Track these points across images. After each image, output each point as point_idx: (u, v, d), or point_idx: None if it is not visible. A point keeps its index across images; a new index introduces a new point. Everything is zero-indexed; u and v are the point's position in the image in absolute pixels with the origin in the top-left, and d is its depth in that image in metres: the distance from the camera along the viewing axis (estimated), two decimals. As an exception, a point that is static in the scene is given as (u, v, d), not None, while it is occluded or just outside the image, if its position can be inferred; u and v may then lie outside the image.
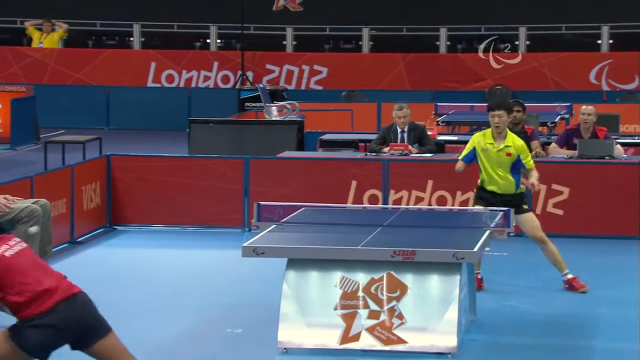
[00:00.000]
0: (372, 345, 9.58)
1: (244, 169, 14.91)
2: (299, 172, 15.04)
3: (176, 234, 14.67)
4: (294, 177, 14.84)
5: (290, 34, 27.72)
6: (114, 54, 27.31)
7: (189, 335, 10.30)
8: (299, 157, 16.10)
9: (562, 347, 10.16)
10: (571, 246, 13.93)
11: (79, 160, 16.15)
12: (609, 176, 14.62)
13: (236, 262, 10.27)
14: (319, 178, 14.83)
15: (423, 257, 9.53)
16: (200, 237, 14.49)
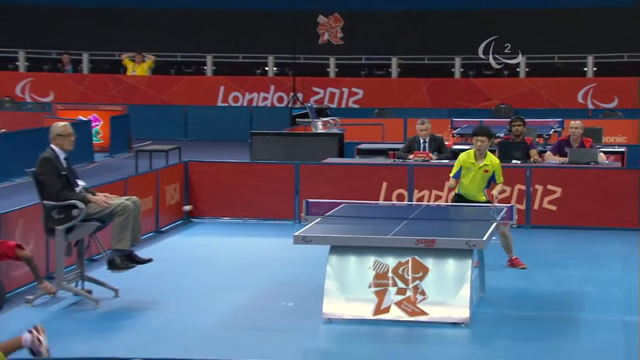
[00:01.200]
0: (400, 317, 9.57)
1: (295, 172, 14.92)
2: (340, 175, 15.02)
3: (240, 225, 14.69)
4: (335, 179, 14.82)
5: (332, 63, 27.70)
6: (191, 80, 27.40)
7: (250, 307, 10.30)
8: (339, 163, 16.06)
9: (555, 318, 10.07)
10: (563, 236, 13.89)
11: (162, 165, 16.25)
12: (594, 179, 14.53)
13: (288, 248, 10.26)
14: (356, 180, 14.80)
15: (441, 244, 9.53)
16: (260, 227, 14.51)
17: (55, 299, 10.41)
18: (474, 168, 11.58)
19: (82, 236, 10.49)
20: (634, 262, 12.44)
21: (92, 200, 10.30)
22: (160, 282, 11.11)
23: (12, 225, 10.67)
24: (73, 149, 10.52)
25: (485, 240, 9.60)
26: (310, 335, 9.36)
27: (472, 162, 11.59)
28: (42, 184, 10.28)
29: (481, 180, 11.63)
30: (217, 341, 9.10)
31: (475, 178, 11.59)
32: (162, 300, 10.50)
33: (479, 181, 11.62)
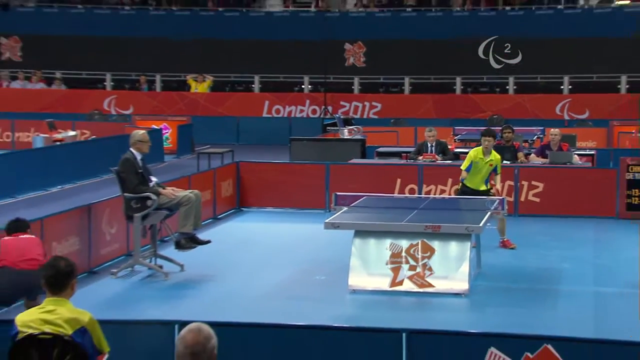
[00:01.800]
0: (411, 288, 9.56)
1: (325, 170, 14.87)
2: (362, 173, 14.95)
3: (281, 214, 14.66)
4: (359, 176, 14.75)
5: (356, 82, 27.66)
6: (242, 96, 27.46)
7: (290, 280, 10.30)
8: (362, 163, 16.00)
9: (538, 289, 10.02)
10: (545, 223, 13.77)
11: (218, 165, 16.27)
12: (570, 176, 14.41)
13: (320, 233, 10.24)
14: (375, 177, 14.74)
15: (446, 229, 9.52)
16: (297, 216, 14.48)
17: (134, 272, 10.46)
18: (482, 162, 11.68)
19: (155, 222, 10.54)
20: (603, 244, 12.41)
21: (163, 193, 10.34)
22: (217, 259, 11.12)
23: (100, 213, 10.73)
24: (148, 152, 10.57)
25: (481, 226, 9.58)
26: (338, 303, 9.34)
27: (481, 157, 11.69)
28: (123, 180, 10.33)
29: (486, 172, 11.72)
30: (263, 308, 9.10)
31: (481, 170, 11.70)
32: (219, 274, 10.53)
33: (484, 173, 11.72)
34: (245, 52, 27.81)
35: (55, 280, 5.30)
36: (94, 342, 5.26)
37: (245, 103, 26.86)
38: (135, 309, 8.67)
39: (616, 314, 9.02)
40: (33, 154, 17.83)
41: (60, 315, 5.22)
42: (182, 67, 27.92)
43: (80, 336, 5.19)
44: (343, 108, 26.43)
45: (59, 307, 5.25)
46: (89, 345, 5.23)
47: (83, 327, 5.23)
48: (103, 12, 29.05)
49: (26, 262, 7.83)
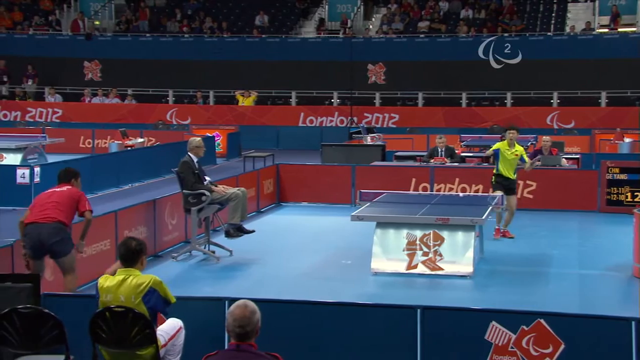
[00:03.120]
0: (424, 271, 9.49)
1: (352, 171, 14.82)
2: (383, 173, 14.89)
3: (314, 208, 14.63)
4: (380, 176, 14.70)
5: (377, 96, 27.55)
6: (281, 108, 27.47)
7: (320, 264, 10.25)
8: (382, 165, 15.90)
9: (531, 272, 9.89)
10: (537, 216, 13.60)
11: (262, 167, 16.27)
12: (559, 176, 14.26)
13: (347, 224, 10.20)
14: (393, 177, 14.66)
15: (454, 221, 9.43)
16: (328, 209, 14.45)
17: (191, 257, 10.47)
18: (508, 153, 11.46)
19: (208, 214, 10.55)
20: (586, 233, 12.23)
21: (215, 190, 10.35)
22: (260, 246, 11.10)
23: (163, 207, 10.75)
24: (203, 155, 10.59)
25: (484, 218, 9.47)
26: (362, 284, 9.28)
27: (507, 149, 11.48)
28: (182, 179, 10.36)
29: (513, 161, 11.50)
30: (299, 287, 9.07)
31: (508, 160, 11.48)
32: (262, 258, 10.51)
33: (511, 162, 11.49)
34: (284, 72, 27.82)
35: (127, 256, 5.53)
36: (161, 296, 5.46)
37: (284, 114, 26.86)
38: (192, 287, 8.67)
39: (598, 293, 8.90)
40: (109, 157, 17.96)
41: (132, 282, 5.44)
42: (232, 84, 27.97)
43: (151, 295, 5.40)
44: (366, 118, 26.34)
45: (130, 275, 5.47)
46: (160, 300, 5.45)
47: (152, 288, 5.43)
48: (166, 39, 29.21)
49: (43, 217, 7.25)
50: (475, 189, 14.27)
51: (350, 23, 29.19)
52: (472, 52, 26.91)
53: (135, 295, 5.39)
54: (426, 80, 27.01)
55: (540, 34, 27.49)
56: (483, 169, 14.93)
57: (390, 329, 5.83)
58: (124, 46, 28.82)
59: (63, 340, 5.31)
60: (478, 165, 15.60)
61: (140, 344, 5.33)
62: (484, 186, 14.18)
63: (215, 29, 29.68)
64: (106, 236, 9.22)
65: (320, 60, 27.52)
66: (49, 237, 7.25)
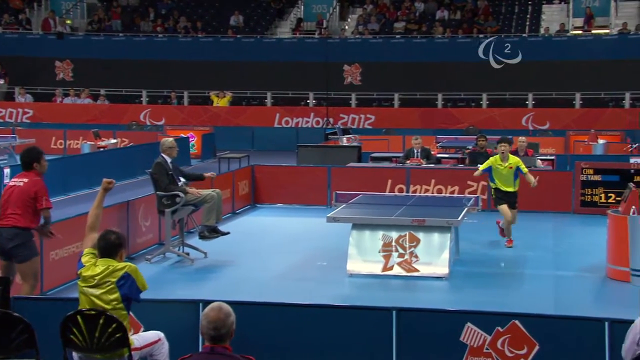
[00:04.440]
0: (400, 272, 9.51)
1: (327, 172, 14.82)
2: (359, 174, 14.90)
3: (290, 209, 14.62)
4: (355, 177, 14.70)
5: (353, 97, 27.61)
6: (256, 109, 27.41)
7: (296, 265, 10.25)
8: (358, 166, 15.91)
9: (507, 273, 10.02)
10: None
11: (237, 168, 16.21)
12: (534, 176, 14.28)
13: (323, 225, 10.18)
14: (369, 178, 14.67)
15: (430, 223, 9.46)
16: (303, 211, 14.44)
17: (165, 259, 10.41)
18: (502, 167, 11.09)
19: (183, 216, 10.50)
20: (560, 235, 12.33)
21: (189, 192, 10.31)
22: (235, 248, 11.07)
23: (136, 208, 10.69)
24: (177, 156, 10.54)
25: (460, 219, 9.50)
26: (338, 285, 9.29)
27: (499, 163, 11.10)
28: (156, 180, 10.30)
29: (508, 175, 11.09)
30: (274, 288, 9.05)
31: (503, 174, 11.09)
32: (237, 260, 10.48)
33: (507, 176, 11.09)
34: (259, 72, 27.78)
35: (106, 250, 5.54)
36: (136, 283, 5.49)
37: (259, 115, 26.82)
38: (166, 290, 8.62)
39: (572, 294, 8.97)
40: (81, 158, 17.80)
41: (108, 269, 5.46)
42: (206, 84, 27.88)
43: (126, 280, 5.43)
44: (342, 119, 26.38)
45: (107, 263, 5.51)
46: (134, 287, 5.48)
47: (127, 273, 5.46)
48: (140, 39, 29.03)
49: (2, 220, 6.99)
50: (451, 190, 14.33)
51: (326, 23, 29.24)
52: (447, 53, 27.07)
53: (110, 278, 5.41)
54: (402, 81, 27.12)
55: (515, 36, 27.73)
56: (459, 170, 15.02)
57: (365, 330, 5.84)
58: (97, 46, 28.58)
59: (33, 344, 5.26)
60: (454, 166, 15.69)
61: (112, 348, 5.29)
62: (460, 187, 14.27)
63: (190, 29, 29.56)
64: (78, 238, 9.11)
65: (296, 60, 27.52)
66: (7, 241, 7.05)
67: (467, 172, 14.63)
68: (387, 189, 14.42)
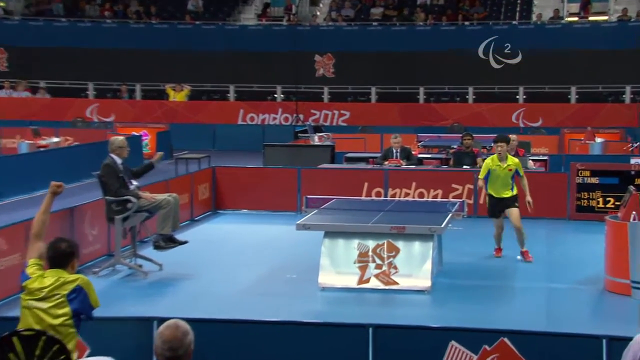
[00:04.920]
0: (377, 285, 9.56)
1: (297, 175, 14.85)
2: (332, 176, 14.95)
3: (255, 216, 14.63)
4: (328, 180, 14.74)
5: (326, 91, 27.68)
6: (218, 104, 27.36)
7: (263, 277, 10.26)
8: (331, 168, 15.98)
9: (495, 286, 10.10)
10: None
11: (196, 170, 16.18)
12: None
13: (292, 233, 10.21)
14: (344, 180, 14.73)
15: (410, 230, 9.51)
16: (270, 217, 14.45)
17: (115, 272, 10.37)
18: (500, 169, 10.98)
19: (135, 224, 10.47)
20: (553, 243, 12.46)
21: (142, 196, 10.29)
22: (194, 259, 11.06)
23: (82, 215, 10.64)
24: (128, 157, 10.51)
25: (443, 227, 9.58)
26: (308, 300, 9.31)
27: (498, 164, 11.00)
28: (104, 184, 10.26)
29: (505, 178, 11.01)
30: (238, 304, 9.06)
31: (500, 177, 10.99)
32: (196, 272, 10.47)
33: (504, 179, 11.00)
34: (221, 63, 27.73)
35: (55, 259, 5.55)
36: (88, 298, 5.49)
37: (221, 111, 26.77)
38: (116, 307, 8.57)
39: (567, 308, 9.07)
40: (18, 159, 17.63)
41: (59, 281, 5.45)
42: (161, 77, 27.76)
43: (77, 293, 5.43)
44: (313, 116, 26.43)
45: (58, 275, 5.50)
46: (86, 302, 5.48)
47: (79, 286, 5.46)
48: (85, 25, 28.84)
49: None
50: (434, 194, 14.44)
51: (295, 9, 29.28)
52: (430, 42, 27.25)
53: (60, 291, 5.41)
54: (380, 73, 27.25)
55: (505, 23, 28.01)
56: (443, 172, 15.14)
57: (339, 349, 5.87)
58: (35, 32, 28.32)
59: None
60: (437, 167, 15.81)
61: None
62: (444, 191, 14.38)
63: (142, 14, 29.42)
64: (15, 249, 9.04)
65: (262, 50, 27.51)
66: None
67: (451, 174, 14.76)
68: (364, 193, 14.48)
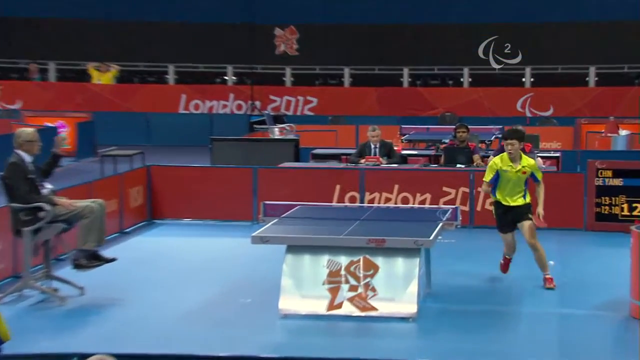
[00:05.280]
0: (352, 312, 9.57)
1: (253, 176, 14.84)
2: (296, 178, 14.97)
3: (200, 226, 14.61)
4: (291, 182, 14.77)
5: (289, 73, 27.70)
6: (154, 88, 27.26)
7: (210, 303, 10.26)
8: (295, 167, 16.01)
9: (496, 312, 10.14)
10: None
11: (126, 169, 16.10)
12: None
13: (247, 248, 10.21)
14: (310, 183, 14.76)
15: (391, 244, 9.53)
16: (219, 228, 14.44)
17: (23, 298, 10.30)
18: (512, 171, 10.78)
19: (49, 237, 10.40)
20: (568, 260, 12.55)
21: (59, 203, 10.22)
22: (124, 280, 11.02)
23: (-19, 226, 10.55)
24: (39, 153, 10.44)
25: (432, 239, 9.60)
26: (266, 330, 9.32)
27: (509, 165, 10.79)
28: (9, 187, 10.19)
29: (518, 182, 10.84)
30: (177, 336, 9.04)
31: (511, 180, 10.81)
32: (126, 297, 10.43)
33: (516, 183, 10.83)
34: (158, 37, 27.65)
35: None
36: None
37: (157, 97, 26.70)
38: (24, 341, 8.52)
39: (584, 340, 9.14)
40: None
41: None
42: (82, 53, 27.60)
43: None
44: (273, 103, 26.45)
45: None
46: None
47: None
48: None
49: None
50: (421, 199, 14.53)
51: (250, -30, 29.30)
52: (416, 12, 27.36)
53: None
54: (355, 50, 27.33)
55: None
56: (432, 172, 15.22)
57: (304, 391, 5.91)
58: None
59: None
60: (425, 167, 15.90)
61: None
62: (433, 196, 14.46)
63: (58, -25, 29.25)
64: None
65: (210, 22, 27.47)
66: None
67: (442, 174, 14.84)
68: (335, 198, 14.54)
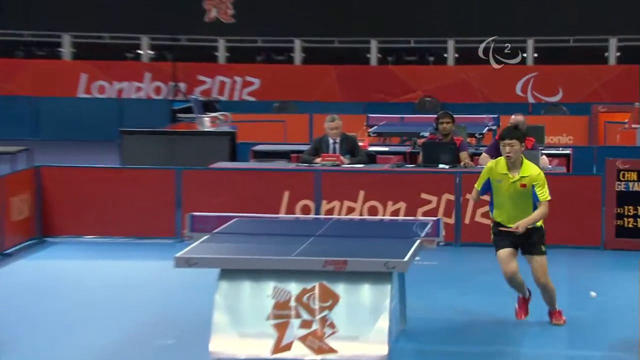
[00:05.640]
0: (304, 355, 9.52)
1: (176, 179, 14.84)
2: (232, 183, 14.97)
3: (107, 245, 14.55)
4: (226, 188, 14.77)
5: (222, 45, 27.69)
6: (43, 65, 27.09)
7: (118, 347, 10.14)
8: (231, 168, 16.01)
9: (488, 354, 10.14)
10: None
11: (7, 172, 15.92)
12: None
13: (168, 273, 10.16)
14: (251, 189, 14.78)
15: (355, 266, 9.48)
16: (132, 248, 14.39)
17: None
18: (507, 181, 10.51)
19: None
20: (580, 287, 12.57)
21: None
22: (3, 316, 10.90)
23: None
24: None
25: (407, 261, 9.57)
26: (192, 380, 9.27)
27: (504, 172, 10.52)
28: None
29: (519, 197, 10.54)
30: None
31: (508, 194, 10.54)
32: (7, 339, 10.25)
33: (516, 198, 10.54)
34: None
35: None
36: None
37: (49, 76, 26.55)
38: None
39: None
40: None
41: None
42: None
43: None
44: (202, 85, 26.46)
45: None
46: None
47: None
48: None
49: None
50: (394, 209, 14.56)
51: None
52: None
53: None
54: (308, 18, 27.36)
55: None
56: (406, 174, 15.20)
57: None
58: None
59: None
60: (398, 167, 15.88)
61: None
62: (409, 205, 14.48)
63: None
64: None
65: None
66: None
67: (420, 177, 14.84)
68: (283, 208, 14.57)
